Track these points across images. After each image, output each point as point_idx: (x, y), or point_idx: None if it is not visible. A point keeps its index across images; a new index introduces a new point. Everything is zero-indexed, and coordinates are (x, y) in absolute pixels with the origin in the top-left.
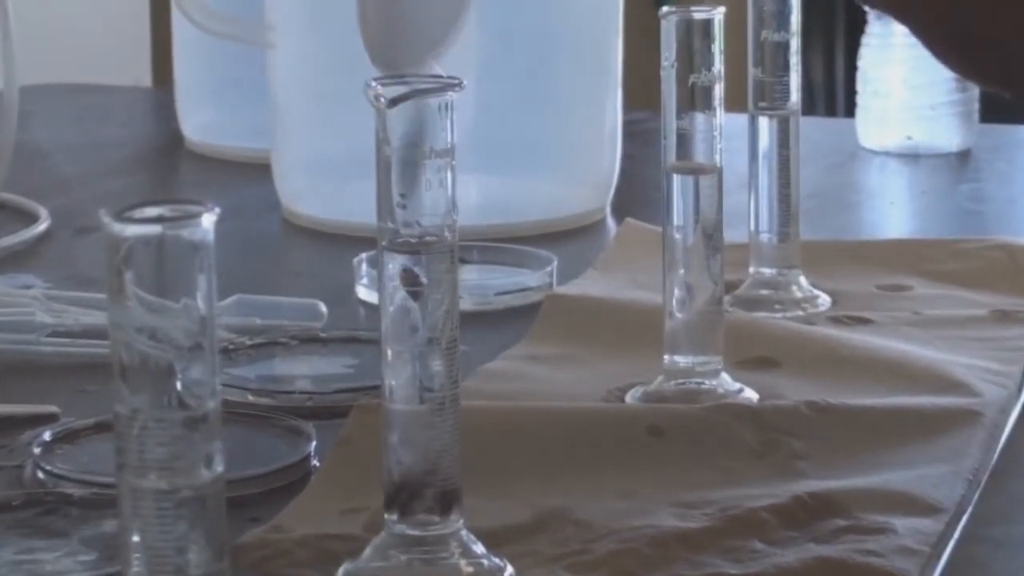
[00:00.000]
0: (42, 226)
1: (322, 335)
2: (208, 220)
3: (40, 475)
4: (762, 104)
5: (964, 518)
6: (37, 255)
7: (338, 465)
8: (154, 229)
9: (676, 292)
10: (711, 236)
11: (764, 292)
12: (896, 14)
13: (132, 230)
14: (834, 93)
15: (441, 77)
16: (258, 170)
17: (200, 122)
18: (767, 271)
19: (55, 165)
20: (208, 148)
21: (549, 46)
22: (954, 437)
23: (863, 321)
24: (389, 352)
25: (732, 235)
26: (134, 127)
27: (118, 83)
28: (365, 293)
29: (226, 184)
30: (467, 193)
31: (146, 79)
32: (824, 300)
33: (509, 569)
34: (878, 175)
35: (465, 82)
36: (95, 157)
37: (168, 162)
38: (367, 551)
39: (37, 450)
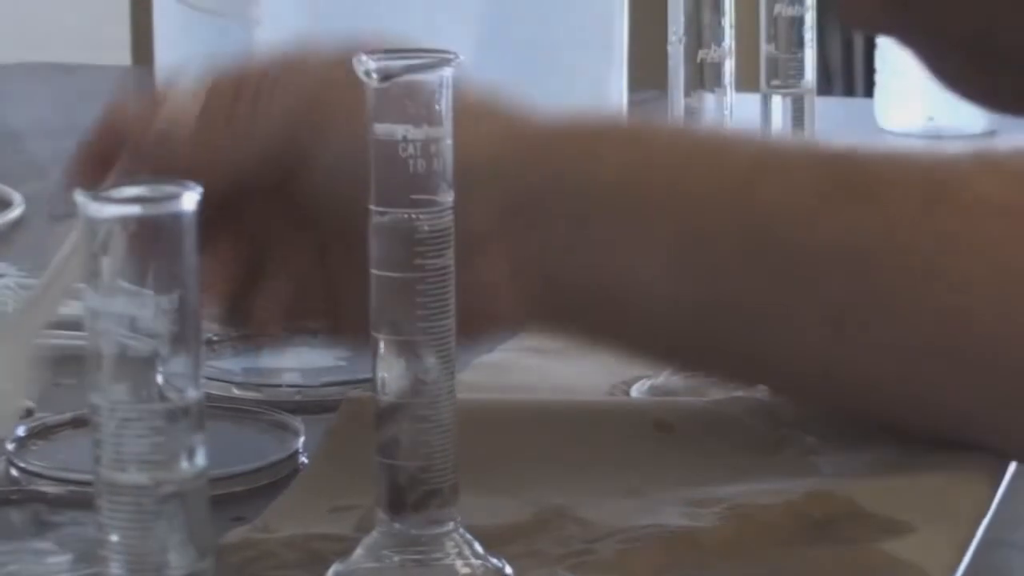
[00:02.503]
0: (16, 212)
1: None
2: (189, 200)
3: (13, 472)
4: (775, 82)
5: (985, 521)
6: (11, 242)
7: (327, 461)
8: (134, 210)
9: None
10: None
11: None
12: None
13: (110, 211)
14: (852, 71)
15: (437, 52)
16: None
17: None
18: None
19: (30, 148)
20: None
21: (550, 21)
22: None
23: None
24: (380, 343)
25: None
26: None
27: (96, 62)
28: None
29: None
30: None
31: (125, 58)
32: None
33: (508, 570)
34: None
35: (463, 58)
36: (72, 140)
37: None
38: (358, 551)
39: (10, 446)
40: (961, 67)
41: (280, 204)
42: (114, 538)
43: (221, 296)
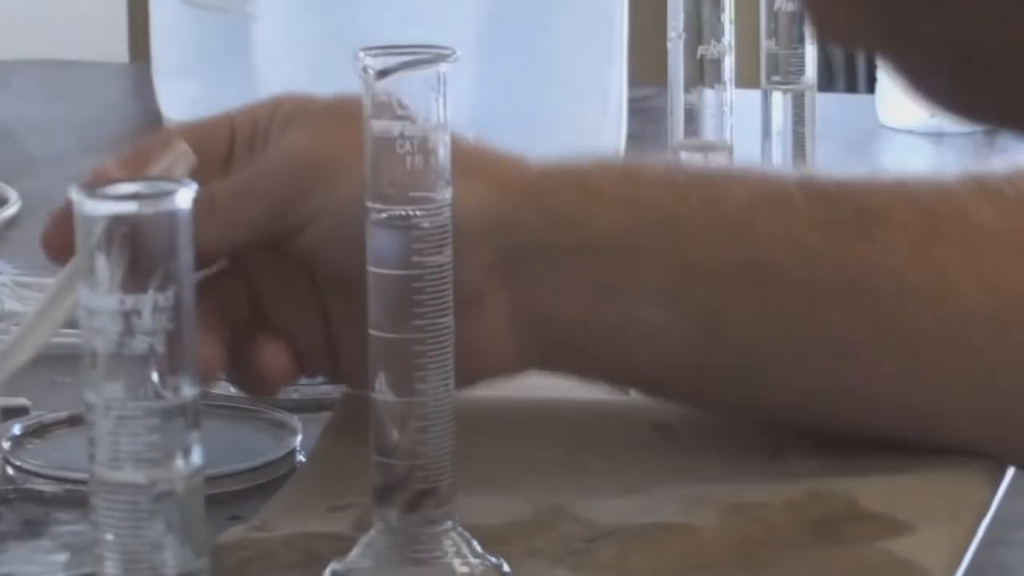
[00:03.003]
0: (12, 209)
1: None
2: (184, 197)
3: (9, 471)
4: (776, 78)
5: (986, 520)
6: (6, 240)
7: (324, 460)
8: (129, 207)
9: None
10: None
11: None
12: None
13: (106, 208)
14: (854, 67)
15: (434, 48)
16: None
17: (179, 99)
18: None
19: (25, 145)
20: None
21: (549, 17)
22: None
23: None
24: (373, 337)
25: None
26: (109, 105)
27: (92, 58)
28: None
29: None
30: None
31: (123, 54)
32: None
33: (506, 568)
34: (900, 155)
35: (461, 54)
36: (68, 137)
37: None
38: (355, 550)
39: (6, 445)
40: (940, 81)
41: (278, 258)
42: (109, 537)
43: (221, 356)
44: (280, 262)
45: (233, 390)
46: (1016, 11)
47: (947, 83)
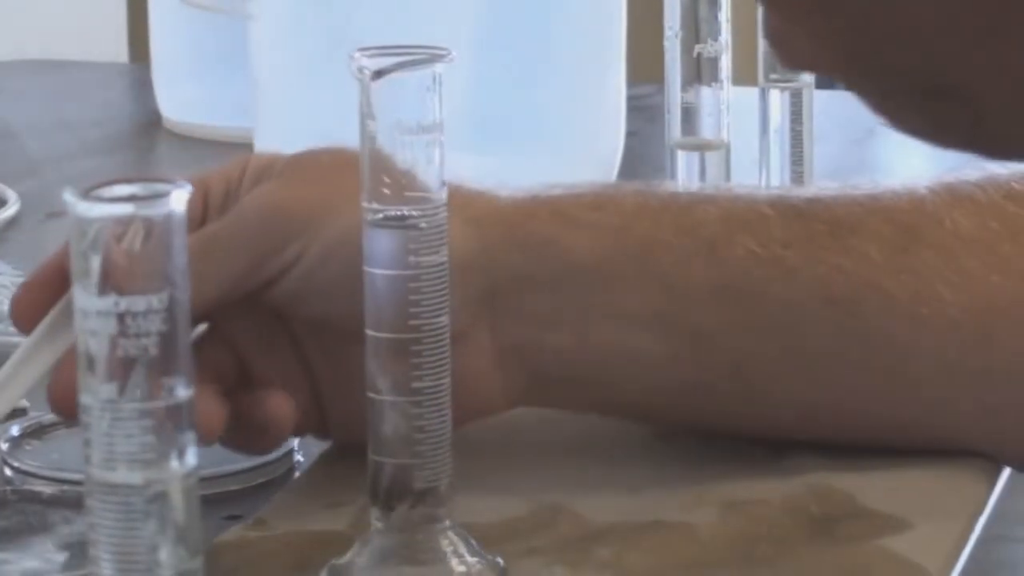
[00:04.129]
0: (11, 210)
1: None
2: (179, 198)
3: (7, 472)
4: (773, 76)
5: (984, 517)
6: (5, 240)
7: (322, 458)
8: (124, 209)
9: None
10: None
11: None
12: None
13: (100, 210)
14: None
15: (430, 48)
16: (240, 149)
17: (179, 99)
18: None
19: (25, 146)
20: (187, 127)
21: (548, 15)
22: None
23: None
24: (370, 337)
25: None
26: (109, 105)
27: (92, 59)
28: None
29: (206, 164)
30: (462, 172)
31: (122, 54)
32: None
33: (503, 568)
34: (899, 152)
35: (458, 54)
36: (68, 137)
37: (145, 142)
38: (352, 549)
39: (4, 446)
40: (905, 106)
41: (257, 315)
42: (104, 537)
43: (220, 411)
44: (259, 319)
45: None
46: (980, 40)
47: (912, 110)
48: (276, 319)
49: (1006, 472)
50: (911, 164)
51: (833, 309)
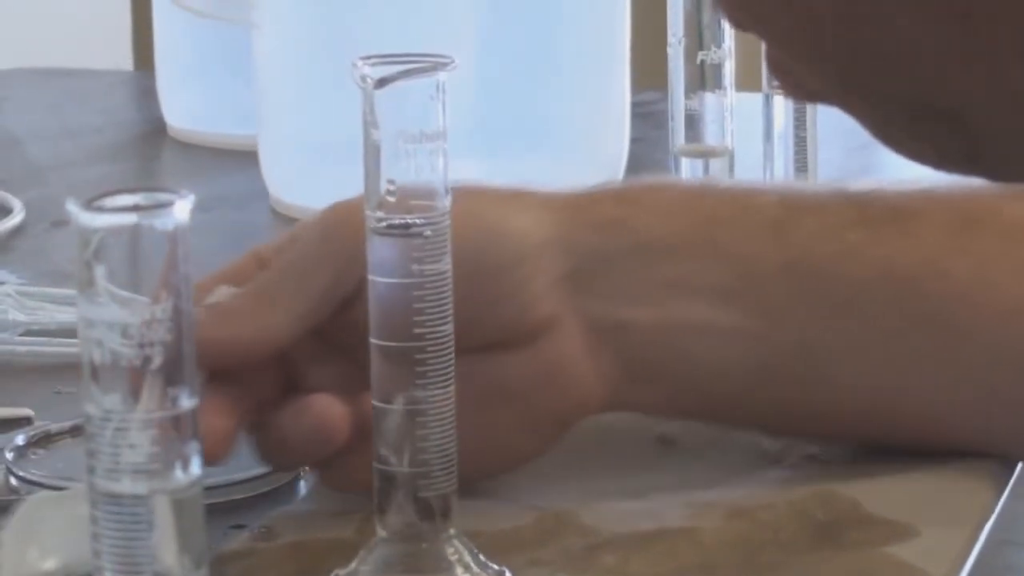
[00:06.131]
0: (16, 219)
1: None
2: (182, 208)
3: (13, 481)
4: (777, 83)
5: (989, 523)
6: (11, 249)
7: None
8: (127, 219)
9: None
10: None
11: None
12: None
13: (103, 220)
14: None
15: (432, 56)
16: (244, 157)
17: (183, 107)
18: None
19: (30, 154)
20: (192, 134)
21: (552, 21)
22: None
23: None
24: (375, 346)
25: None
26: (114, 113)
27: (97, 66)
28: None
29: (211, 172)
30: (466, 178)
31: (127, 62)
32: None
33: None
34: (903, 159)
35: (463, 60)
36: (72, 145)
37: (150, 150)
38: (357, 558)
39: (10, 455)
40: (905, 131)
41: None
42: (108, 547)
43: (229, 427)
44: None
45: None
46: (972, 63)
47: (911, 134)
48: (336, 340)
49: (1013, 476)
50: (915, 171)
51: (895, 289)
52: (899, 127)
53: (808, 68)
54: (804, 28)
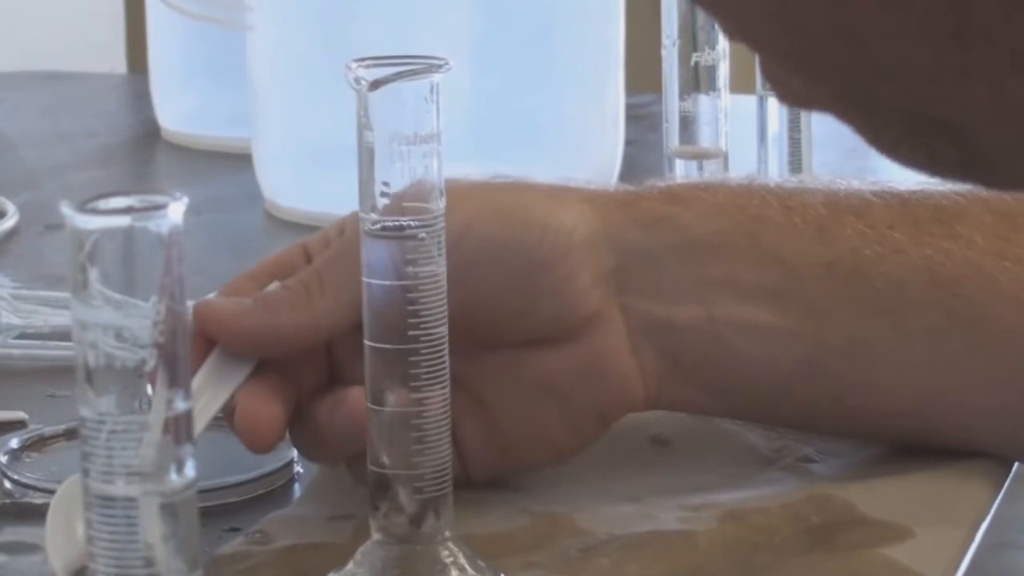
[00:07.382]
0: (10, 222)
1: None
2: (176, 210)
3: (7, 484)
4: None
5: (984, 524)
6: (4, 252)
7: (325, 471)
8: (121, 221)
9: None
10: None
11: None
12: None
13: (97, 222)
14: None
15: (427, 58)
16: (239, 160)
17: (177, 110)
18: None
19: (23, 157)
20: (186, 138)
21: (547, 24)
22: None
23: None
24: (369, 348)
25: None
26: (108, 116)
27: (91, 70)
28: None
29: (205, 175)
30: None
31: (120, 66)
32: None
33: None
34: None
35: (458, 63)
36: (66, 149)
37: (144, 153)
38: (352, 562)
39: (3, 458)
40: (898, 139)
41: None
42: (103, 550)
43: (278, 414)
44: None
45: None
46: (966, 75)
47: (907, 144)
48: None
49: (1008, 477)
50: (910, 174)
51: (939, 290)
52: (894, 137)
53: (800, 78)
54: (794, 40)
